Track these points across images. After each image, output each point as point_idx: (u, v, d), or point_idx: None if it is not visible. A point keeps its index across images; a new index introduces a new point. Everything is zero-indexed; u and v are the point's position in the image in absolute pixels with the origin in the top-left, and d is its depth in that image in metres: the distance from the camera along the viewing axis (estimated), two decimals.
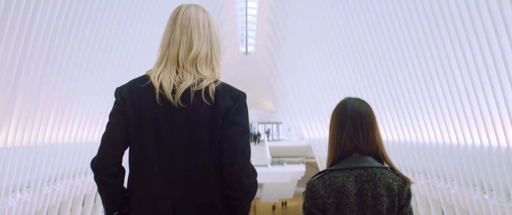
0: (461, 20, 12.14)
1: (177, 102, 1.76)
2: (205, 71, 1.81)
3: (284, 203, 39.39)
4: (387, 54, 17.08)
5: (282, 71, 32.09)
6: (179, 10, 1.88)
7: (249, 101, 1.86)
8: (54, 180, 15.47)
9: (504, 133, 12.20)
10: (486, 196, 13.89)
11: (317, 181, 1.99)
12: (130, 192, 1.85)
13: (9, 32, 10.39)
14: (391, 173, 1.99)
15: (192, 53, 1.81)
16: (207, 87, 1.77)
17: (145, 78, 1.82)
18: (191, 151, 1.76)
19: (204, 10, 1.90)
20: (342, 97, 2.15)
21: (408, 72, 16.07)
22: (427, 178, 17.32)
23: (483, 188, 13.96)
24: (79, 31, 13.41)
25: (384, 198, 1.94)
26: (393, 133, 19.31)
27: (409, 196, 1.99)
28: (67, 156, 15.86)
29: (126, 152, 1.88)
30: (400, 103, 17.66)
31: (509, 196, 12.75)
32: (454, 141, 15.01)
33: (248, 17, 32.65)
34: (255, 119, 38.99)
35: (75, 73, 14.20)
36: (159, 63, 1.84)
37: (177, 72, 1.81)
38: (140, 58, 17.51)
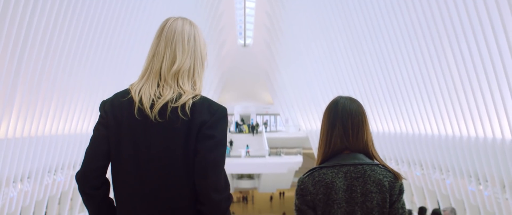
0: (457, 14, 12.21)
1: (155, 116, 1.77)
2: (186, 85, 1.81)
3: (281, 193, 39.67)
4: (384, 47, 17.17)
5: (280, 63, 32.15)
6: (166, 23, 1.88)
7: (247, 93, 1.90)
8: (55, 171, 15.59)
9: (499, 125, 12.29)
10: (481, 187, 13.98)
11: (306, 178, 2.00)
12: (116, 203, 1.89)
13: (9, 27, 10.47)
14: (382, 170, 1.98)
15: (175, 67, 1.81)
16: (184, 103, 1.76)
17: (127, 92, 1.84)
18: (165, 165, 1.77)
19: (191, 24, 1.89)
20: (339, 90, 2.17)
21: (405, 65, 16.17)
22: (422, 169, 17.45)
23: (478, 179, 14.07)
24: (78, 27, 13.49)
25: (374, 194, 1.93)
26: (389, 125, 19.45)
27: (401, 191, 1.98)
28: (67, 147, 15.97)
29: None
30: (397, 96, 17.77)
31: (503, 187, 12.86)
32: (450, 132, 15.12)
33: (247, 10, 32.63)
34: (253, 111, 39.08)
35: (74, 67, 14.30)
36: (142, 76, 1.85)
37: (158, 85, 1.81)
38: (138, 54, 17.55)
